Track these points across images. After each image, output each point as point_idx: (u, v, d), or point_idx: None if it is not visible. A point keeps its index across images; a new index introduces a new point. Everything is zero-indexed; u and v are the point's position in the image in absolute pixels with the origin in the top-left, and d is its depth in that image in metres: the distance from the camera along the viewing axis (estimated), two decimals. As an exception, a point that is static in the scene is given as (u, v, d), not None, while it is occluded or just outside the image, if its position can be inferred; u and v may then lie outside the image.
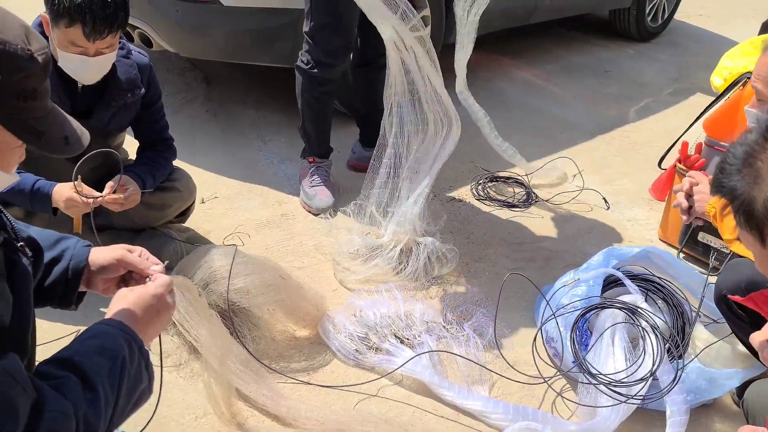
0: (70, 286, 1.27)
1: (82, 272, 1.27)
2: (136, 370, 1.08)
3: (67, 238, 1.31)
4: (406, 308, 2.23)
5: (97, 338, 1.07)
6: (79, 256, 1.27)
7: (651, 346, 1.95)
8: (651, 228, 2.94)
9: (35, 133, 1.03)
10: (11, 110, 0.98)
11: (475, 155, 3.33)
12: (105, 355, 1.04)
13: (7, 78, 0.95)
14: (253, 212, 2.78)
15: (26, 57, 0.97)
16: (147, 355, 1.12)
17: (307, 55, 2.67)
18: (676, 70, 5.00)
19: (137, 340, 1.10)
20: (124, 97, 2.19)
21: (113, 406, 1.02)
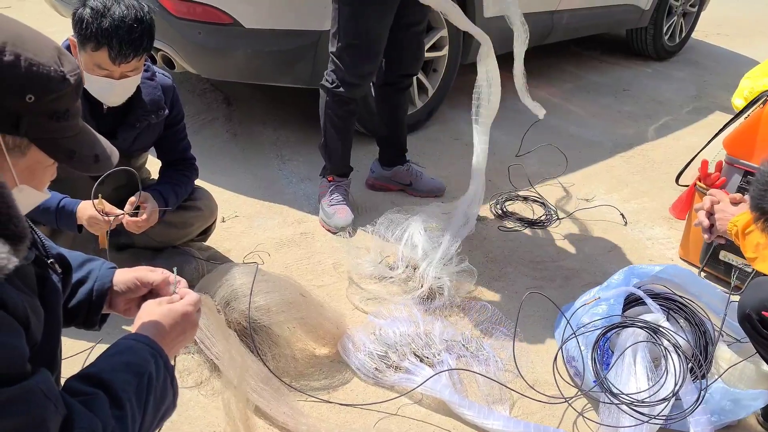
0: (94, 308, 1.29)
1: (106, 294, 1.29)
2: (162, 386, 1.08)
3: (93, 259, 1.34)
4: (425, 327, 2.23)
5: (124, 354, 1.07)
6: (104, 278, 1.29)
7: (673, 365, 1.93)
8: (671, 247, 2.92)
9: (67, 152, 1.05)
10: (44, 130, 1.00)
11: (494, 174, 3.33)
12: (132, 371, 1.05)
13: (41, 99, 0.97)
14: (273, 231, 2.80)
15: (59, 78, 0.99)
16: (172, 371, 1.13)
17: (332, 74, 2.72)
18: (695, 89, 4.99)
19: (163, 356, 1.11)
20: (148, 118, 2.23)
21: (140, 423, 1.03)
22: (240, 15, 2.94)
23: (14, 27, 0.98)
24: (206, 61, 3.11)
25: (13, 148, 0.98)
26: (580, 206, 3.19)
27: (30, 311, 0.95)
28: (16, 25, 1.00)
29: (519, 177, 3.38)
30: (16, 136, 0.98)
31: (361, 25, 2.57)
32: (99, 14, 1.93)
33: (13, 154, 0.98)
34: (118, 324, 2.07)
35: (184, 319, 1.18)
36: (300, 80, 3.19)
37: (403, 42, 2.77)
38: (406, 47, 2.81)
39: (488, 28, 3.75)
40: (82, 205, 2.10)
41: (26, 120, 0.97)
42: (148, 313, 1.17)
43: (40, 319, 0.99)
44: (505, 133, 3.88)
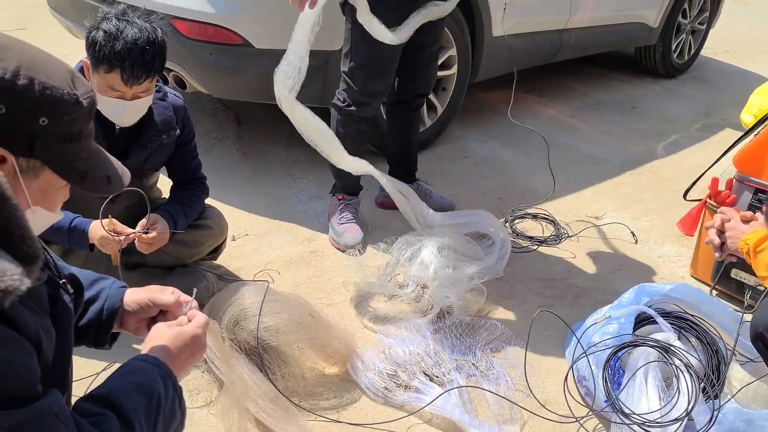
0: (104, 327, 1.30)
1: (116, 313, 1.30)
2: (170, 406, 1.09)
3: (104, 278, 1.35)
4: (435, 346, 2.22)
5: (134, 375, 1.08)
6: (114, 297, 1.30)
7: (685, 385, 1.91)
8: (682, 265, 2.90)
9: (79, 173, 1.06)
10: (57, 152, 1.01)
11: (502, 192, 3.34)
12: (141, 392, 1.05)
13: (54, 121, 0.98)
14: (283, 249, 2.81)
15: (72, 101, 1.00)
16: (180, 392, 1.13)
17: (344, 93, 2.74)
18: (704, 106, 4.99)
19: (172, 378, 1.12)
20: (160, 138, 2.25)
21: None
22: (250, 36, 2.98)
23: (28, 51, 1.00)
24: (217, 81, 3.14)
25: (26, 170, 0.99)
26: (589, 224, 3.18)
27: (42, 331, 0.95)
28: (30, 49, 1.01)
29: (527, 195, 3.38)
30: (30, 158, 0.99)
31: (373, 46, 2.59)
32: (112, 37, 1.96)
33: (26, 176, 1.00)
34: (129, 343, 2.08)
35: (194, 341, 1.19)
36: (310, 99, 3.20)
37: (417, 62, 2.79)
38: (419, 67, 2.83)
39: (496, 47, 3.80)
40: (94, 225, 2.11)
41: (40, 142, 0.98)
42: (158, 336, 1.18)
43: (51, 340, 1.00)
44: (515, 152, 3.89)
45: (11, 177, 0.97)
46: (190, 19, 2.95)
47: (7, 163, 0.96)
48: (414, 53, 2.75)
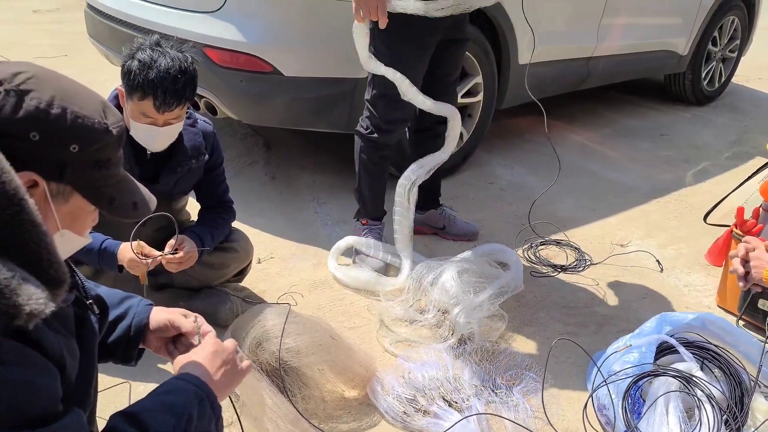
0: (131, 343, 1.35)
1: (144, 330, 1.35)
2: (204, 427, 1.12)
3: (131, 297, 1.40)
4: (454, 371, 2.23)
5: (170, 395, 1.13)
6: (142, 314, 1.35)
7: (707, 416, 1.89)
8: (709, 294, 2.87)
9: (108, 198, 1.09)
10: (87, 178, 1.05)
11: (526, 219, 3.35)
12: (172, 412, 1.09)
13: (84, 149, 1.02)
14: (307, 273, 2.85)
15: (102, 130, 1.04)
16: (219, 411, 1.17)
17: (367, 120, 2.80)
18: (735, 134, 4.94)
19: (211, 397, 1.15)
20: (189, 163, 2.33)
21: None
22: (280, 64, 3.06)
23: (63, 82, 1.05)
24: (247, 107, 3.22)
25: (56, 195, 1.03)
26: (615, 251, 3.17)
27: (66, 352, 0.99)
28: (64, 80, 1.07)
29: (551, 222, 3.38)
30: (60, 183, 1.03)
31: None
32: (146, 66, 2.05)
33: (56, 200, 1.03)
34: (153, 363, 2.14)
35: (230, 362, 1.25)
36: (337, 126, 3.28)
37: (437, 90, 2.84)
38: (440, 95, 2.87)
39: (522, 74, 3.83)
40: (123, 247, 2.18)
41: (70, 169, 1.02)
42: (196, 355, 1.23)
43: (75, 360, 1.03)
44: (540, 179, 3.90)
45: (42, 201, 1.01)
46: (222, 48, 3.05)
47: (38, 188, 1.00)
48: (435, 82, 2.79)
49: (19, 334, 0.89)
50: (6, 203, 0.87)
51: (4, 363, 0.86)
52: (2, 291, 0.84)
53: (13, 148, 0.95)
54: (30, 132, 0.97)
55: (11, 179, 0.88)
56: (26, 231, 0.88)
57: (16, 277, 0.85)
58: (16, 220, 0.87)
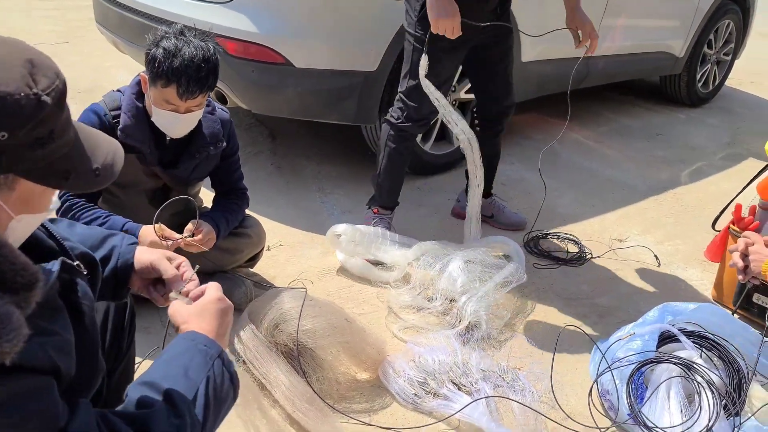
0: (119, 284, 1.31)
1: (130, 269, 1.30)
2: (222, 386, 1.10)
3: (113, 234, 1.34)
4: (463, 357, 2.31)
5: (183, 357, 1.09)
6: (126, 254, 1.31)
7: (707, 401, 1.98)
8: (705, 288, 2.96)
9: (61, 173, 0.95)
10: (29, 161, 0.90)
11: (528, 212, 3.42)
12: (190, 376, 1.06)
13: (15, 133, 0.86)
14: (316, 260, 2.92)
15: (33, 104, 0.87)
16: (232, 367, 1.14)
17: (399, 111, 2.88)
18: (728, 136, 5.05)
19: (223, 356, 1.12)
20: (207, 150, 2.38)
21: (201, 428, 1.04)
22: (292, 55, 3.11)
23: None
24: (258, 97, 3.28)
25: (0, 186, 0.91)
26: (614, 246, 3.26)
27: (54, 353, 0.91)
28: None
29: (553, 217, 3.46)
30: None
31: (431, 70, 2.71)
32: (171, 54, 2.10)
33: (1, 192, 0.91)
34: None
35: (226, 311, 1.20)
36: (346, 118, 3.34)
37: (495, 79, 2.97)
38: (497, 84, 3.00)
39: (525, 72, 3.91)
40: (144, 230, 2.23)
41: (5, 157, 0.88)
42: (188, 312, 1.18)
43: (69, 351, 0.96)
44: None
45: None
46: (235, 38, 3.10)
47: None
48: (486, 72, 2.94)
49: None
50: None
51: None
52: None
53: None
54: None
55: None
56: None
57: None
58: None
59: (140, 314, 1.63)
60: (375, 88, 3.26)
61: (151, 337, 2.22)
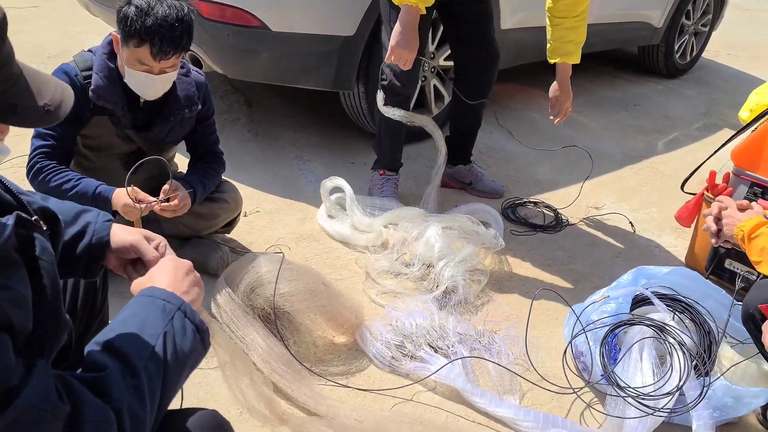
0: (93, 261, 1.27)
1: (105, 247, 1.27)
2: (184, 338, 1.07)
3: (87, 210, 1.30)
4: (440, 321, 2.32)
5: (141, 314, 1.07)
6: (101, 231, 1.27)
7: (678, 362, 2.02)
8: (679, 254, 3.01)
9: (7, 108, 0.92)
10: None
11: (505, 181, 3.43)
12: (147, 332, 1.03)
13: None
14: (293, 227, 2.90)
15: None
16: (196, 318, 1.11)
17: (388, 75, 2.88)
18: (704, 106, 5.09)
19: (183, 307, 1.09)
20: (182, 112, 2.34)
21: (161, 384, 1.01)
22: (268, 19, 3.06)
23: None
24: (234, 62, 3.22)
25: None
26: (590, 213, 3.28)
27: (7, 306, 0.87)
28: None
29: (530, 184, 3.48)
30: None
31: None
32: (143, 13, 2.04)
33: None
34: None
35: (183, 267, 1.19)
36: (323, 84, 3.31)
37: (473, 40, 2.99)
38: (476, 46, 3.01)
39: (504, 40, 3.89)
40: (117, 193, 2.19)
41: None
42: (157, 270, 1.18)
43: (24, 305, 0.92)
44: (519, 143, 3.99)
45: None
46: (210, 0, 3.03)
47: None
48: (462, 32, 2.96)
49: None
50: None
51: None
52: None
53: None
54: None
55: None
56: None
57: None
58: None
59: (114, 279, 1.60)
60: (353, 53, 3.22)
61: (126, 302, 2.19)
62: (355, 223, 2.84)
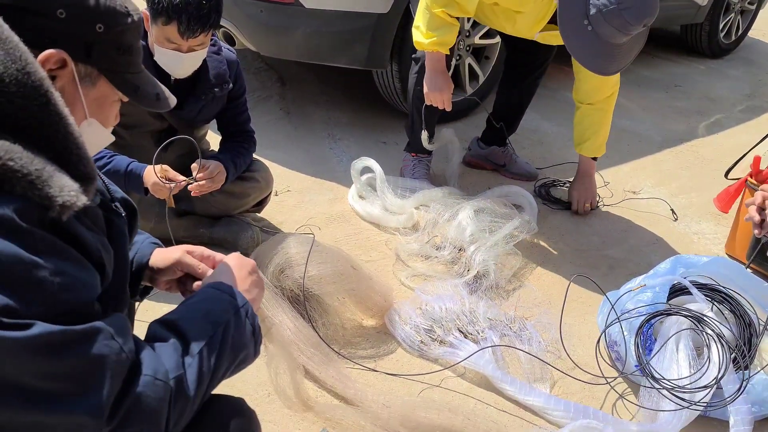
0: (133, 278, 1.30)
1: (144, 267, 1.31)
2: (240, 335, 1.10)
3: (139, 233, 1.36)
4: (470, 305, 2.29)
5: (206, 302, 1.11)
6: (144, 251, 1.32)
7: (717, 354, 1.95)
8: (718, 243, 2.92)
9: (132, 86, 1.11)
10: (111, 62, 1.06)
11: (539, 163, 3.36)
12: (209, 320, 1.07)
13: (110, 29, 1.04)
14: (324, 206, 2.88)
15: (124, 12, 1.06)
16: (255, 321, 1.15)
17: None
18: (749, 87, 4.92)
19: (246, 307, 1.13)
20: (213, 91, 2.32)
21: (211, 371, 1.04)
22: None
23: None
24: (266, 39, 3.19)
25: (84, 78, 1.04)
26: (627, 197, 3.20)
27: (102, 248, 0.98)
28: None
29: (563, 166, 3.40)
30: (88, 64, 1.03)
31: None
32: None
33: (84, 83, 1.04)
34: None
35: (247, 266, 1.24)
36: (357, 62, 3.26)
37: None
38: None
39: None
40: (148, 170, 2.20)
41: (97, 49, 1.03)
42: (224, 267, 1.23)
43: (111, 256, 1.02)
44: (556, 125, 3.90)
45: (70, 84, 1.01)
46: (242, -23, 3.00)
47: (67, 69, 1.00)
48: None
49: (55, 229, 0.88)
50: (33, 94, 0.87)
51: (39, 252, 0.85)
52: (34, 182, 0.84)
53: (41, 26, 0.97)
54: (57, 9, 0.98)
55: (36, 70, 0.88)
56: (54, 123, 0.89)
57: (47, 168, 0.86)
58: (44, 112, 0.88)
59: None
60: (387, 31, 3.16)
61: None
62: (386, 204, 2.81)
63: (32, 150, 0.86)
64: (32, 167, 0.85)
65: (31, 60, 0.88)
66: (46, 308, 0.85)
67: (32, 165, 0.85)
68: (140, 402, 0.91)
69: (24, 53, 0.88)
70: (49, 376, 0.84)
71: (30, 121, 0.87)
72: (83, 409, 0.86)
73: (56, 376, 0.85)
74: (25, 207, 0.85)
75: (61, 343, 0.84)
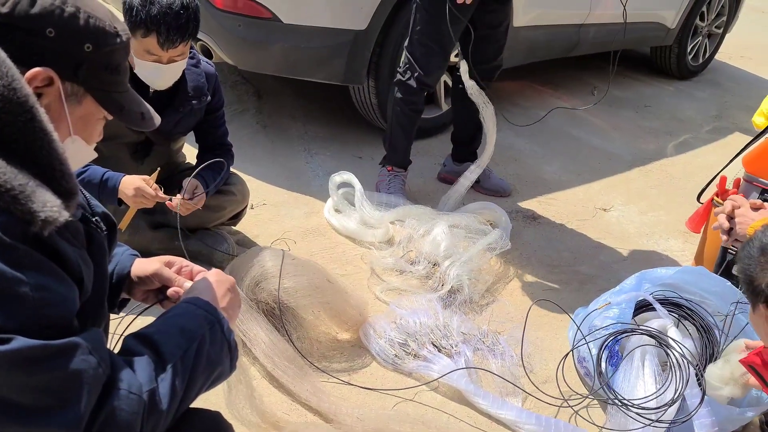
0: (113, 291, 1.30)
1: (125, 279, 1.31)
2: (216, 350, 1.10)
3: (119, 246, 1.35)
4: (444, 319, 2.31)
5: (182, 317, 1.11)
6: (124, 263, 1.32)
7: (680, 371, 2.00)
8: (686, 259, 2.99)
9: (117, 105, 1.12)
10: (98, 81, 1.07)
11: (514, 178, 3.42)
12: (184, 335, 1.07)
13: (98, 49, 1.05)
14: (299, 220, 2.90)
15: (113, 33, 1.07)
16: (231, 336, 1.15)
17: (408, 72, 2.90)
18: (716, 109, 5.05)
19: (222, 322, 1.13)
20: (191, 104, 2.33)
21: (185, 386, 1.04)
22: (279, 10, 3.04)
23: None
24: (244, 53, 3.21)
25: (70, 96, 1.05)
26: (597, 215, 3.26)
27: (81, 262, 0.98)
28: None
29: (539, 183, 3.46)
30: (75, 83, 1.05)
31: (437, 29, 2.77)
32: (147, 2, 2.04)
33: (70, 102, 1.05)
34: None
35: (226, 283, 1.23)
36: (334, 77, 3.29)
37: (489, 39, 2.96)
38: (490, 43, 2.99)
39: (516, 37, 3.86)
40: (127, 178, 2.18)
41: (84, 68, 1.04)
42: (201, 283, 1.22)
43: (90, 270, 1.02)
44: (529, 142, 3.97)
45: (56, 101, 1.02)
46: (222, -9, 3.02)
47: (53, 87, 1.01)
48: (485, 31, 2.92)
49: (37, 244, 0.89)
50: (18, 110, 0.88)
51: (22, 267, 0.86)
52: (17, 197, 0.86)
53: (29, 44, 0.98)
54: (46, 28, 0.99)
55: (21, 87, 0.90)
56: (38, 139, 0.90)
57: (30, 184, 0.87)
58: (28, 128, 0.89)
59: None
60: (364, 47, 3.20)
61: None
62: (364, 217, 2.83)
63: (16, 165, 0.88)
64: (16, 182, 0.86)
65: (17, 76, 0.90)
66: (26, 323, 0.86)
67: (16, 180, 0.86)
68: (114, 415, 0.92)
69: (10, 69, 0.89)
70: (28, 390, 0.85)
71: (14, 136, 0.88)
72: (60, 422, 0.87)
73: (34, 389, 0.86)
74: (8, 222, 0.86)
75: (40, 357, 0.86)
